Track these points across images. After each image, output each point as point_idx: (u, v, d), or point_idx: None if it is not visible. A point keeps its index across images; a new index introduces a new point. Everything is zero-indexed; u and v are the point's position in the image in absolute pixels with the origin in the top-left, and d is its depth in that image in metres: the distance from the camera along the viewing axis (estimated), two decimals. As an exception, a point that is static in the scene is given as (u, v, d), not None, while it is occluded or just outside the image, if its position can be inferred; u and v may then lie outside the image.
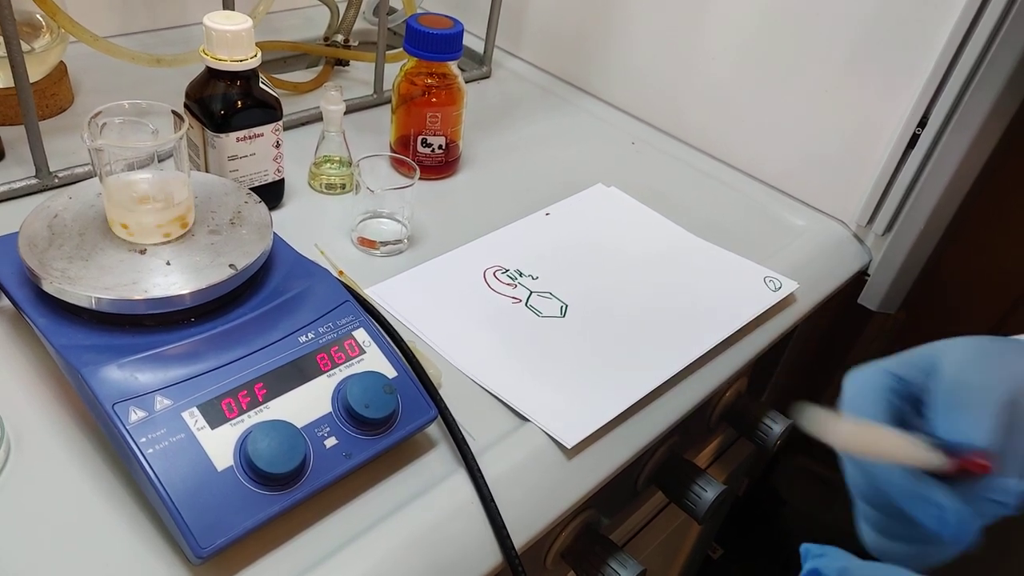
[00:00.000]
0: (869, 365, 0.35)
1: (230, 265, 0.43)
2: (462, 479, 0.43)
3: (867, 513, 0.33)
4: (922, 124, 0.64)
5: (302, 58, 0.88)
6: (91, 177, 0.58)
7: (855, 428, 0.32)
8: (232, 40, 0.52)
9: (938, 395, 0.32)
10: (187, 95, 0.56)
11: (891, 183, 0.67)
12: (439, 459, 0.44)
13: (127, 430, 0.37)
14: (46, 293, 0.41)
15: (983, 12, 0.58)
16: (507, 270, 0.59)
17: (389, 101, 0.70)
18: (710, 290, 0.60)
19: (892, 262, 0.70)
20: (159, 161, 0.44)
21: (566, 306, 0.56)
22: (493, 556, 0.42)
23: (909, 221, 0.68)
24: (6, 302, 0.49)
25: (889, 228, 0.69)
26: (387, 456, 0.43)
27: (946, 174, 0.64)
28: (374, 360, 0.44)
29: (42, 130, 0.56)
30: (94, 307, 0.40)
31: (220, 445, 0.38)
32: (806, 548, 0.32)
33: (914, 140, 0.65)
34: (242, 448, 0.38)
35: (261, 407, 0.40)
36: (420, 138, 0.66)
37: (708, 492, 0.59)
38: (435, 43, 0.63)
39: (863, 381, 0.35)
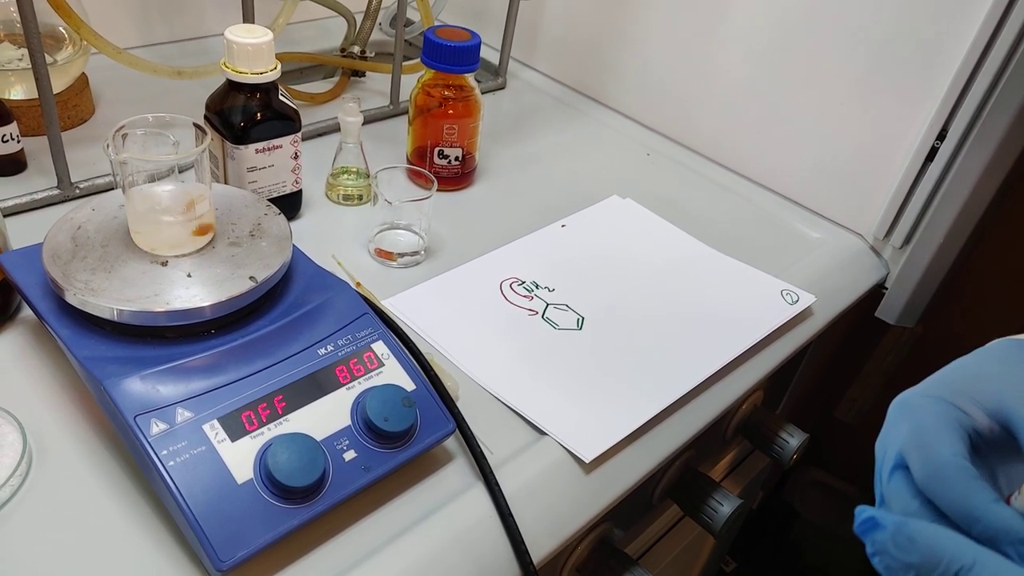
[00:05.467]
0: (925, 395, 0.33)
1: (250, 277, 0.43)
2: (480, 493, 0.43)
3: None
4: (941, 137, 0.63)
5: (318, 69, 0.89)
6: (111, 188, 0.58)
7: None
8: (253, 53, 0.53)
9: None
10: (207, 107, 0.56)
11: (909, 196, 0.67)
12: (457, 472, 0.44)
13: (148, 442, 0.37)
14: (69, 304, 0.41)
15: (1004, 23, 0.58)
16: (523, 282, 0.59)
17: (405, 112, 0.71)
18: (727, 303, 0.60)
19: (910, 276, 0.70)
20: (179, 172, 0.44)
21: (583, 318, 0.56)
22: (511, 571, 0.41)
23: (927, 235, 0.67)
24: (29, 312, 0.49)
25: (907, 241, 0.69)
26: (405, 469, 0.43)
27: (966, 187, 0.64)
28: (393, 373, 0.44)
29: (63, 141, 0.56)
30: (116, 319, 0.40)
31: (240, 458, 0.38)
32: (861, 508, 0.31)
33: (932, 153, 0.64)
34: (262, 461, 0.38)
35: (281, 420, 0.40)
36: (437, 149, 0.67)
37: (724, 506, 0.58)
38: (452, 55, 0.63)
39: (927, 415, 0.32)
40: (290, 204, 0.61)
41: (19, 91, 0.64)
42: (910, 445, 0.32)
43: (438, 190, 0.58)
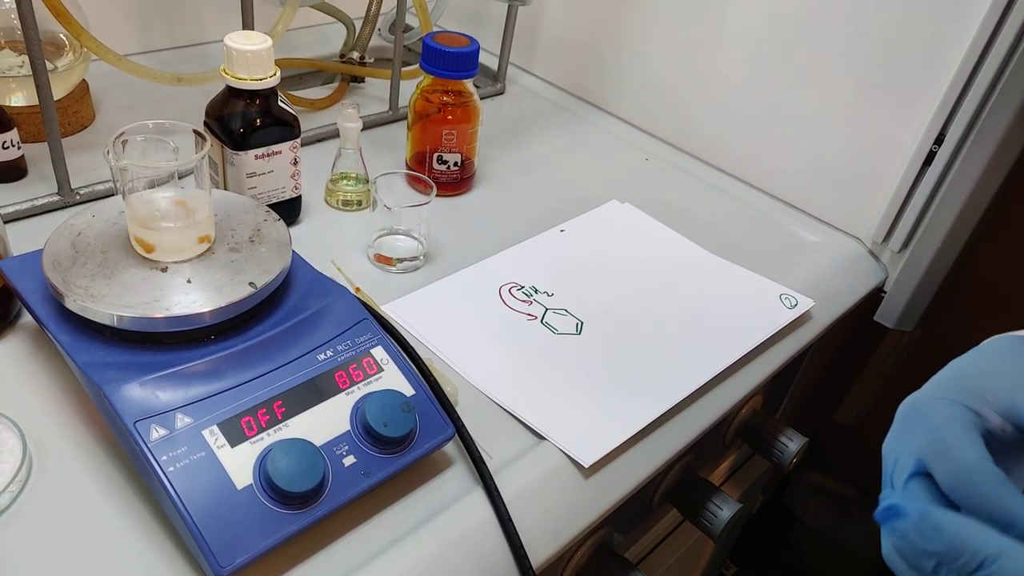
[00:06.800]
0: (936, 397, 0.33)
1: (250, 283, 0.43)
2: (479, 498, 0.43)
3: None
4: (939, 141, 0.64)
5: (318, 75, 0.89)
6: (112, 194, 0.58)
7: None
8: (252, 59, 0.53)
9: None
10: (207, 113, 0.56)
11: (907, 200, 0.67)
12: (456, 477, 0.44)
13: (148, 448, 0.37)
14: (69, 310, 0.41)
15: (1001, 27, 0.58)
16: (522, 287, 0.59)
17: (404, 118, 0.71)
18: (726, 307, 0.60)
19: (909, 279, 0.70)
20: (179, 178, 0.44)
21: (581, 323, 0.56)
22: (510, 576, 0.42)
23: (926, 238, 0.68)
24: (29, 319, 0.49)
25: (906, 245, 0.69)
26: (404, 474, 0.43)
27: (964, 191, 0.64)
28: (392, 378, 0.44)
29: (64, 147, 0.57)
30: (116, 325, 0.40)
31: (240, 463, 0.38)
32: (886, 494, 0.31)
33: (931, 157, 0.64)
34: (261, 466, 0.38)
35: (280, 425, 0.40)
36: (436, 155, 0.67)
37: (724, 511, 0.58)
38: (451, 61, 0.63)
39: (943, 419, 0.32)
40: (289, 210, 0.61)
41: (20, 98, 0.65)
42: (931, 452, 0.31)
43: (437, 195, 0.58)
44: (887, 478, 0.33)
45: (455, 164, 0.67)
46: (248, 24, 0.61)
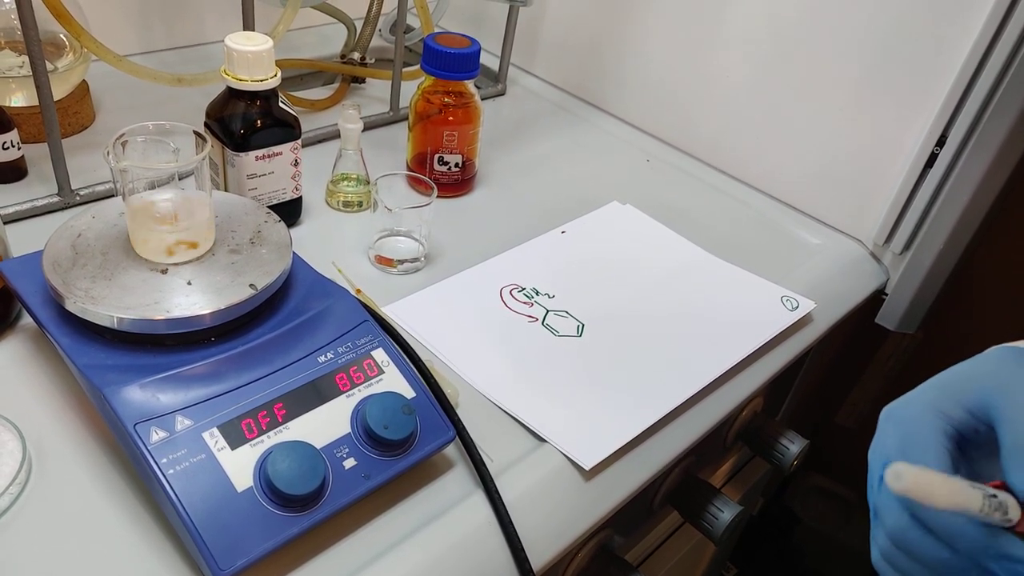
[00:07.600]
0: (912, 403, 0.34)
1: (250, 285, 0.43)
2: (480, 500, 0.43)
3: (896, 557, 0.32)
4: (940, 143, 0.63)
5: (318, 75, 0.89)
6: (112, 195, 0.58)
7: (934, 479, 0.29)
8: (253, 60, 0.53)
9: (1012, 449, 0.30)
10: (207, 114, 0.56)
11: (909, 202, 0.67)
12: (456, 480, 0.44)
13: (148, 450, 0.37)
14: (69, 312, 0.41)
15: (1003, 29, 0.58)
16: (523, 288, 0.59)
17: (405, 119, 0.71)
18: (727, 309, 0.60)
19: (910, 281, 0.70)
20: (179, 180, 0.44)
21: (583, 325, 0.56)
22: (511, 579, 0.41)
23: (928, 240, 0.67)
24: (29, 320, 0.49)
25: (907, 247, 0.69)
26: (405, 477, 0.43)
27: (965, 193, 0.64)
28: (393, 380, 0.44)
29: (64, 148, 0.56)
30: (116, 327, 0.40)
31: (240, 466, 0.38)
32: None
33: (932, 159, 0.64)
34: (262, 469, 0.38)
35: (281, 427, 0.40)
36: (437, 156, 0.67)
37: (724, 513, 0.58)
38: (452, 62, 0.63)
39: (914, 425, 0.33)
40: (290, 211, 0.61)
41: (20, 98, 0.65)
42: (896, 460, 0.32)
43: (438, 196, 0.58)
44: (869, 483, 0.34)
45: (456, 165, 0.67)
46: (249, 25, 0.61)
